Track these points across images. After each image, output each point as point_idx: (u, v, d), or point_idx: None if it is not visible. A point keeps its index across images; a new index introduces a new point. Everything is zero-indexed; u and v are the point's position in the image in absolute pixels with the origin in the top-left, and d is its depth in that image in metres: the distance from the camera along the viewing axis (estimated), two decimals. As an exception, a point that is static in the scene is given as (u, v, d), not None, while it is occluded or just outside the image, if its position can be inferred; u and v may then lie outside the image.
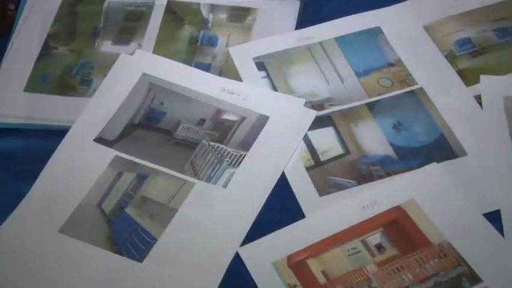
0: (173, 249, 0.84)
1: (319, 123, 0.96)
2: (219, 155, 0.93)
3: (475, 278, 0.79)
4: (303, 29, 1.08)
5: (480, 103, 0.96)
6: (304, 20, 1.09)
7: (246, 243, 0.84)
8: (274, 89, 1.01)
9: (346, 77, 1.02)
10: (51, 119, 0.98)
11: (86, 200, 0.89)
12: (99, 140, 0.94)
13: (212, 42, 1.08)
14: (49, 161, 0.92)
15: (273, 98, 0.99)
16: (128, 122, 0.97)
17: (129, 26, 1.09)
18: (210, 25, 1.10)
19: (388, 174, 0.90)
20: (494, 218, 0.84)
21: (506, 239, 0.82)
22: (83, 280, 0.82)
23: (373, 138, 0.95)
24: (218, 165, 0.91)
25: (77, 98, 1.01)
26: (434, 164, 0.90)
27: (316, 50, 1.05)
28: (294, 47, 1.05)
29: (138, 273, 0.82)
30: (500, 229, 0.83)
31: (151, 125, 0.98)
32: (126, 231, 0.86)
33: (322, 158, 0.93)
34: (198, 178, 0.90)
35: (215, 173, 0.91)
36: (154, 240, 0.84)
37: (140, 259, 0.83)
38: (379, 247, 0.83)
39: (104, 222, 0.87)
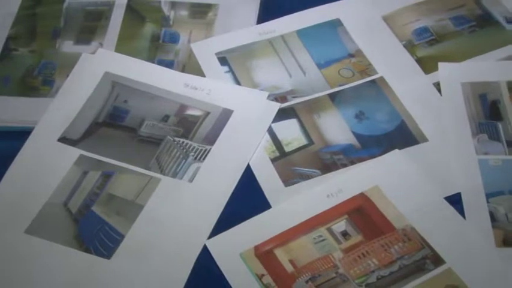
0: (141, 244, 0.84)
1: (282, 115, 0.97)
2: (184, 150, 0.93)
3: (438, 260, 0.80)
4: (264, 23, 1.09)
5: (439, 90, 0.98)
6: (265, 14, 1.10)
7: (214, 236, 0.84)
8: (237, 83, 1.02)
9: (308, 69, 1.03)
10: (14, 120, 0.97)
11: (51, 200, 0.88)
12: (63, 139, 0.94)
13: (174, 39, 1.08)
14: (13, 162, 0.92)
15: (236, 92, 1.00)
16: (91, 121, 0.97)
17: (90, 26, 1.09)
18: (171, 22, 1.10)
19: (352, 163, 0.92)
20: (455, 200, 0.86)
21: (468, 220, 0.84)
22: (52, 280, 0.82)
23: (335, 128, 0.96)
24: (184, 160, 0.92)
25: (39, 99, 1.00)
26: (396, 151, 0.91)
27: (277, 44, 1.06)
28: (255, 41, 1.06)
29: (106, 270, 0.82)
30: (461, 211, 0.85)
31: (115, 123, 0.98)
32: (93, 229, 0.86)
33: (287, 149, 0.94)
34: (163, 174, 0.91)
35: (181, 168, 0.91)
36: (122, 236, 0.85)
37: (108, 256, 0.83)
38: (345, 234, 0.84)
39: (71, 221, 0.87)
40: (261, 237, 0.84)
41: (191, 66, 1.04)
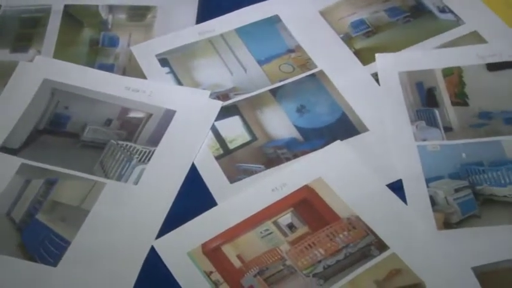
0: (88, 249, 0.83)
1: (225, 113, 0.98)
2: (128, 153, 0.93)
3: (382, 246, 0.82)
4: (204, 23, 1.09)
5: (377, 80, 1.00)
6: (204, 14, 1.11)
7: (161, 236, 0.84)
8: (179, 83, 1.02)
9: (248, 66, 1.04)
10: (-49, 132, 0.96)
11: (-7, 211, 0.87)
12: (3, 149, 0.93)
13: (113, 42, 1.08)
14: (-48, 175, 0.90)
15: (178, 92, 1.00)
16: (32, 129, 0.96)
17: (26, 33, 1.08)
18: (110, 26, 1.10)
19: (295, 156, 0.93)
20: (397, 187, 0.88)
21: (409, 205, 0.86)
22: (-3, 291, 0.81)
23: (278, 122, 0.97)
24: (128, 163, 0.92)
25: (-23, 109, 0.99)
26: (338, 142, 0.93)
27: (217, 42, 1.07)
28: (195, 41, 1.07)
29: (53, 278, 0.81)
30: (403, 197, 0.87)
31: (57, 130, 0.97)
32: (38, 237, 0.85)
33: (231, 146, 0.95)
34: (108, 178, 0.90)
35: (125, 171, 0.91)
36: (68, 243, 0.84)
37: (54, 263, 0.82)
38: (291, 226, 0.85)
39: (14, 231, 0.85)
40: (208, 235, 0.84)
41: (132, 69, 1.04)
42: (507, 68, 0.98)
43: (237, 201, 0.87)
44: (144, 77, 1.02)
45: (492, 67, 0.98)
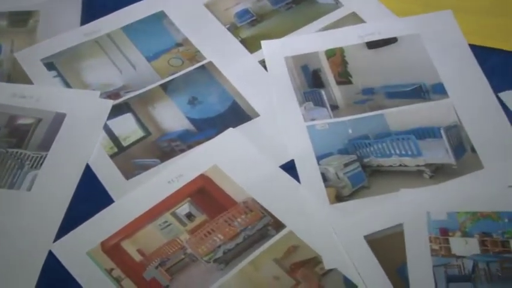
0: (-17, 261, 0.82)
1: (117, 111, 0.98)
2: (19, 160, 0.91)
3: (279, 225, 0.84)
4: (89, 24, 1.09)
5: (265, 66, 1.02)
6: (89, 15, 1.10)
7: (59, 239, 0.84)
8: (68, 86, 1.01)
9: (137, 63, 1.04)
10: None
11: None
12: None
13: (-5, 50, 1.06)
14: None
15: (67, 95, 0.99)
16: None
17: None
18: (-9, 34, 1.08)
19: (190, 147, 0.94)
20: (289, 167, 0.90)
21: (302, 184, 0.88)
22: None
23: (171, 116, 0.98)
24: (19, 170, 0.90)
25: None
26: (230, 130, 0.94)
27: (104, 42, 1.06)
28: (81, 42, 1.06)
29: None
30: (296, 176, 0.89)
31: None
32: None
33: (125, 144, 0.95)
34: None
35: (17, 178, 0.89)
36: (-39, 256, 0.82)
37: None
38: (189, 216, 0.86)
39: None
40: (106, 233, 0.84)
41: (17, 76, 1.02)
42: (385, 45, 1.02)
43: (133, 196, 0.88)
44: (30, 82, 1.01)
45: (371, 45, 1.03)
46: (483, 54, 0.98)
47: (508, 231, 0.80)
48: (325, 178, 0.89)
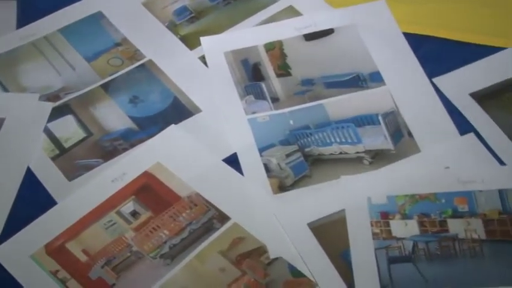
0: None
1: (57, 113, 0.97)
2: (-42, 167, 0.90)
3: (224, 218, 0.85)
4: (25, 27, 1.08)
5: (205, 62, 1.03)
6: (25, 18, 1.09)
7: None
8: (5, 90, 1.00)
9: (76, 64, 1.03)
10: None
11: None
12: None
13: None
14: None
15: (4, 99, 0.98)
16: None
17: None
18: None
19: (132, 146, 0.94)
20: (233, 160, 0.91)
21: (246, 176, 0.89)
22: None
23: (112, 115, 0.97)
24: (-42, 177, 0.89)
25: None
26: (172, 126, 0.95)
27: (42, 45, 1.05)
28: (18, 46, 1.05)
29: None
30: (239, 169, 0.90)
31: None
32: None
33: (66, 145, 0.94)
34: None
35: (-44, 185, 0.88)
36: None
37: None
38: (134, 213, 0.86)
39: None
40: (50, 235, 0.84)
41: (-48, 83, 1.00)
42: (322, 37, 1.04)
43: (76, 197, 0.87)
44: (-33, 89, 0.99)
45: (309, 37, 1.04)
46: (416, 42, 1.01)
47: (445, 211, 0.83)
48: (267, 169, 0.90)
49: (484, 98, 0.93)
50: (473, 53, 0.98)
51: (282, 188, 0.88)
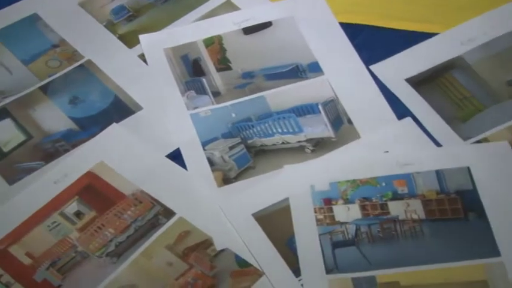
0: None
1: (-5, 118, 0.96)
2: None
3: (169, 213, 0.85)
4: (-43, 33, 1.06)
5: (145, 60, 1.02)
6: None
7: None
8: None
9: (13, 67, 1.02)
10: None
11: None
12: None
13: None
14: None
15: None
16: None
17: None
18: None
19: (74, 146, 0.93)
20: (176, 155, 0.91)
21: (189, 170, 0.90)
22: None
23: (52, 117, 0.96)
24: None
25: None
26: (114, 125, 0.94)
27: (-25, 49, 1.04)
28: (-48, 51, 1.03)
29: None
30: (183, 164, 0.90)
31: None
32: None
33: (5, 149, 0.93)
34: None
35: None
36: None
37: None
38: (78, 214, 0.86)
39: None
40: (-9, 240, 0.82)
41: None
42: (261, 30, 1.05)
43: (18, 201, 0.86)
44: None
45: (248, 31, 1.05)
46: (353, 31, 1.03)
47: (386, 194, 0.85)
48: (211, 163, 0.90)
49: (419, 82, 0.95)
50: (408, 39, 1.00)
51: (226, 180, 0.89)
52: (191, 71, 1.01)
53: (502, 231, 0.79)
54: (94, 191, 0.88)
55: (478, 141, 0.88)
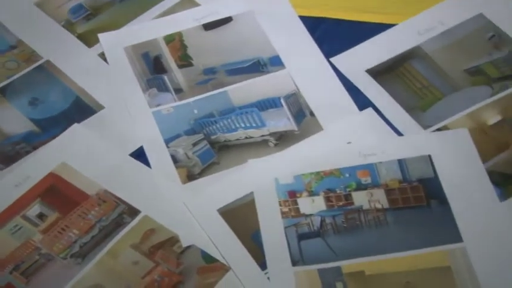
0: None
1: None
2: None
3: (134, 212, 0.85)
4: None
5: (105, 59, 1.01)
6: None
7: None
8: None
9: (-30, 70, 1.00)
10: None
11: None
12: None
13: None
14: None
15: None
16: None
17: None
18: None
19: (35, 148, 0.92)
20: (139, 154, 0.91)
21: (153, 168, 0.89)
22: None
23: (12, 119, 0.95)
24: None
25: None
26: (75, 125, 0.93)
27: None
28: None
29: None
30: (147, 162, 0.90)
31: None
32: None
33: (-36, 154, 0.91)
34: None
35: None
36: None
37: None
38: (41, 216, 0.85)
39: None
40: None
41: None
42: (221, 25, 1.05)
43: (-23, 206, 0.85)
44: None
45: (208, 26, 1.05)
46: (312, 24, 1.03)
47: (350, 185, 0.85)
48: (175, 160, 0.90)
49: (379, 73, 0.96)
50: (367, 31, 1.01)
51: (190, 177, 0.88)
52: (152, 68, 1.01)
53: (464, 217, 0.80)
54: (57, 193, 0.87)
55: (439, 129, 0.89)
